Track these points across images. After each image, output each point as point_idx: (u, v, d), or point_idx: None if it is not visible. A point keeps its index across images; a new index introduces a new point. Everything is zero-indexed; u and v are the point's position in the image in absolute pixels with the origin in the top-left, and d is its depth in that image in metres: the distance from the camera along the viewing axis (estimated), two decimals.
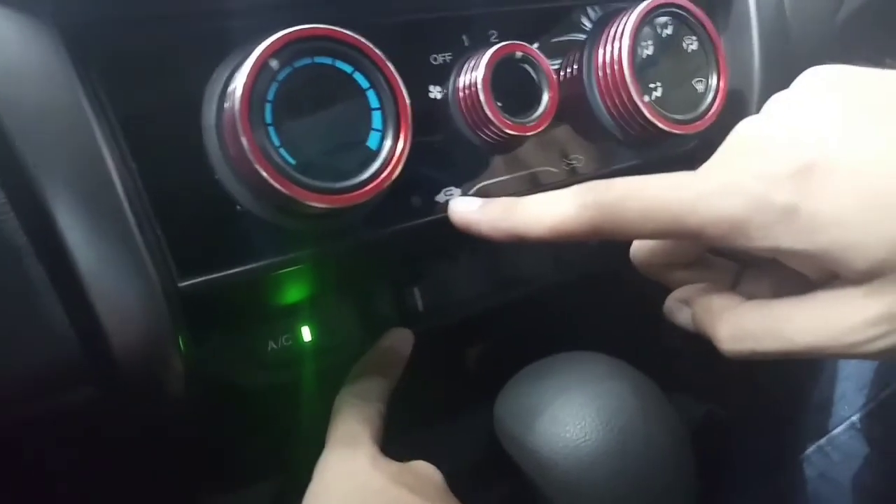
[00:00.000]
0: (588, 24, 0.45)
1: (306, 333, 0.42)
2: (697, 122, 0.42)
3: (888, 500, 0.52)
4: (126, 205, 0.32)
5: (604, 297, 0.55)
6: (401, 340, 0.44)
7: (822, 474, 0.54)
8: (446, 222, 0.39)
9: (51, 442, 0.41)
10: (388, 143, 0.34)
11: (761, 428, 0.62)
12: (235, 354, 0.40)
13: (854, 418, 0.51)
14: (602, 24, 0.43)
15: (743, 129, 0.31)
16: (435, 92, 0.39)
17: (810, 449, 0.55)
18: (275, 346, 0.41)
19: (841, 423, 0.52)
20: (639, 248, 0.37)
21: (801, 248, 0.26)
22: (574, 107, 0.43)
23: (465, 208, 0.35)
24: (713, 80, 0.43)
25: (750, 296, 0.32)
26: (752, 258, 0.34)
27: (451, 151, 0.40)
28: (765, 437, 0.61)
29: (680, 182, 0.28)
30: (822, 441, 0.53)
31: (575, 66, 0.44)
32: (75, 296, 0.31)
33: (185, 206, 0.33)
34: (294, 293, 0.40)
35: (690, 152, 0.47)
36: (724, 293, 0.32)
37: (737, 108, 0.47)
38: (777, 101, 0.31)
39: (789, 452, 0.58)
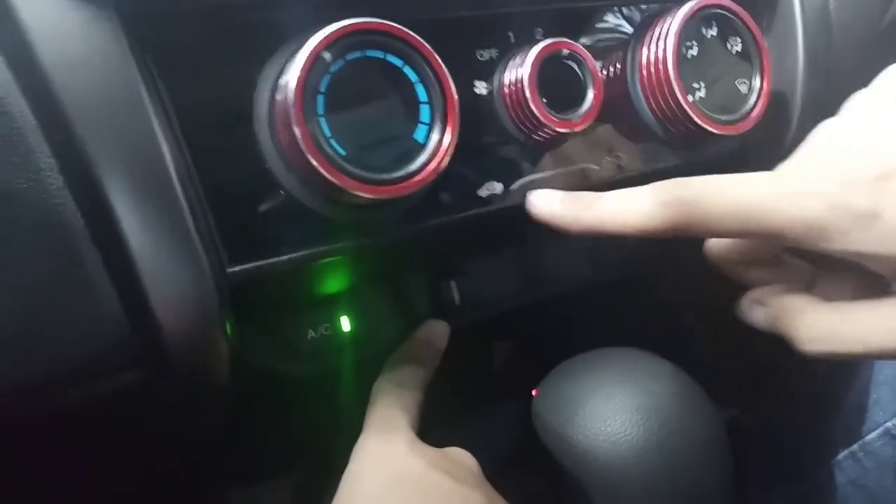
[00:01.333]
0: (633, 23, 0.45)
1: (345, 324, 0.43)
2: (740, 124, 0.42)
3: None
4: (179, 191, 0.32)
5: (634, 301, 0.55)
6: (438, 332, 0.44)
7: (854, 481, 0.54)
8: (487, 217, 0.39)
9: (94, 424, 0.42)
10: (434, 137, 0.34)
11: (789, 433, 0.62)
12: (276, 342, 0.41)
13: (889, 424, 0.50)
14: (647, 24, 0.43)
15: (823, 131, 0.31)
16: (480, 87, 0.40)
17: (842, 455, 0.54)
18: (314, 335, 0.42)
19: (875, 429, 0.51)
20: (715, 244, 0.37)
21: (880, 252, 0.26)
22: (617, 105, 0.43)
23: (547, 201, 0.36)
24: (757, 82, 0.43)
25: (826, 298, 0.32)
26: (830, 260, 0.34)
27: (494, 146, 0.40)
28: (792, 442, 0.61)
29: (760, 182, 0.29)
30: (855, 447, 0.53)
31: (618, 65, 0.44)
32: (128, 280, 0.31)
33: (235, 194, 0.34)
34: (335, 283, 0.41)
35: (733, 153, 0.47)
36: (801, 294, 0.33)
37: (780, 109, 0.47)
38: (857, 101, 0.31)
39: (819, 457, 0.58)
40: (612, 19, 0.45)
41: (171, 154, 0.32)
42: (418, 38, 0.34)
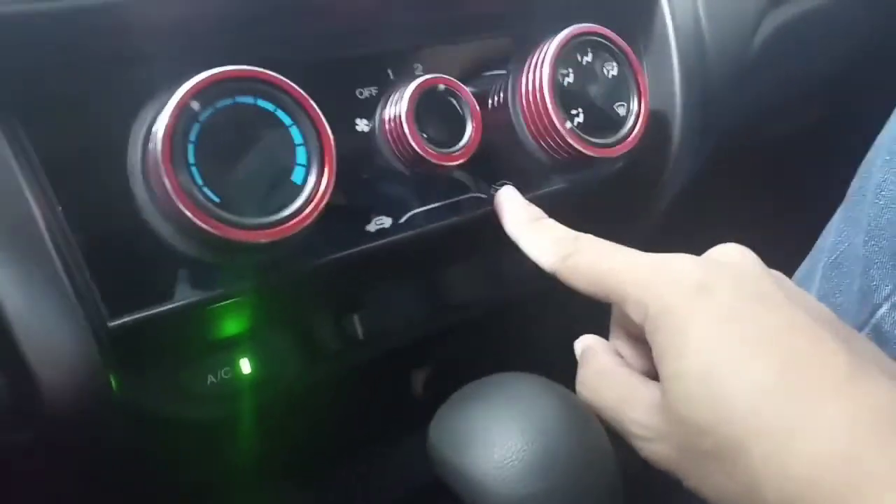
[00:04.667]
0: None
1: (245, 366, 0.42)
2: (619, 146, 0.44)
3: None
4: (52, 249, 0.32)
5: (545, 319, 0.56)
6: None
7: None
8: (377, 251, 0.40)
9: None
10: (312, 178, 0.35)
11: None
12: (175, 389, 0.40)
13: None
14: (525, 53, 0.45)
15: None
16: (362, 125, 0.40)
17: None
18: (214, 380, 0.41)
19: None
20: None
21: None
22: (502, 133, 0.44)
23: (510, 200, 0.42)
24: (634, 104, 0.45)
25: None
26: None
27: (380, 181, 0.41)
28: None
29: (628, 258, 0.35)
30: None
31: (501, 94, 0.45)
32: (5, 345, 0.31)
33: (113, 247, 0.34)
34: (230, 326, 0.41)
35: (618, 172, 0.48)
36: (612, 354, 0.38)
37: (660, 128, 0.49)
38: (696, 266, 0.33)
39: None
40: (496, 50, 0.47)
41: (41, 211, 0.32)
42: (288, 81, 0.34)
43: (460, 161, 0.40)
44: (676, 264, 0.33)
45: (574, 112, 0.43)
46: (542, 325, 0.59)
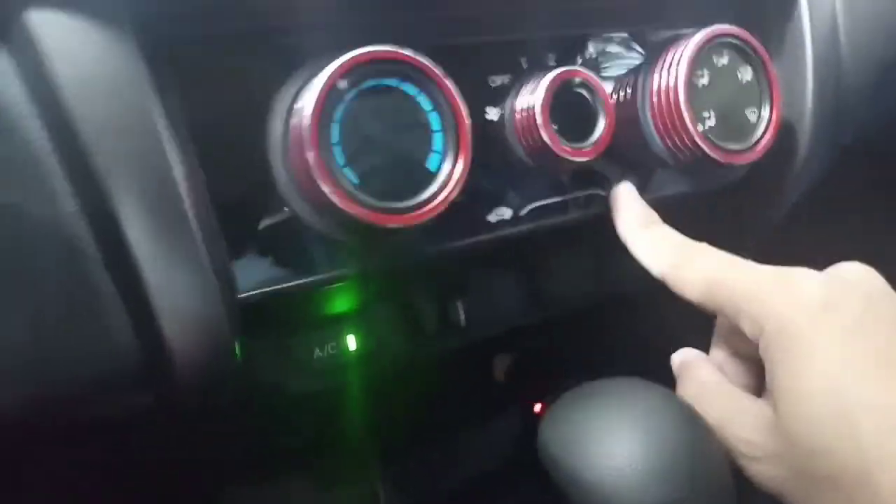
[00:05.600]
0: (643, 50, 0.45)
1: (351, 342, 0.43)
2: (749, 153, 0.42)
3: None
4: (192, 218, 0.32)
5: (640, 321, 0.56)
6: None
7: None
8: (496, 242, 0.39)
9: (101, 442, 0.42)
10: (446, 166, 0.34)
11: None
12: (284, 360, 0.41)
13: None
14: (659, 50, 0.43)
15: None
16: (492, 113, 0.40)
17: None
18: (321, 354, 0.42)
19: None
20: None
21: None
22: (627, 130, 0.43)
23: (627, 199, 0.41)
24: (766, 111, 0.43)
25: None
26: None
27: (504, 172, 0.40)
28: None
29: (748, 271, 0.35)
30: None
31: (629, 90, 0.44)
32: (140, 306, 0.32)
33: (248, 219, 0.34)
34: (342, 304, 0.41)
35: (742, 180, 0.47)
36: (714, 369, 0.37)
37: (789, 137, 0.47)
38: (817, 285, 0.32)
39: None
40: (627, 44, 0.45)
41: (184, 179, 0.32)
42: (433, 67, 0.34)
43: (589, 157, 0.39)
44: (799, 280, 0.32)
45: (706, 115, 0.42)
46: (632, 329, 0.59)
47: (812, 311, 0.30)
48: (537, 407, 0.59)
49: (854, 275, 0.32)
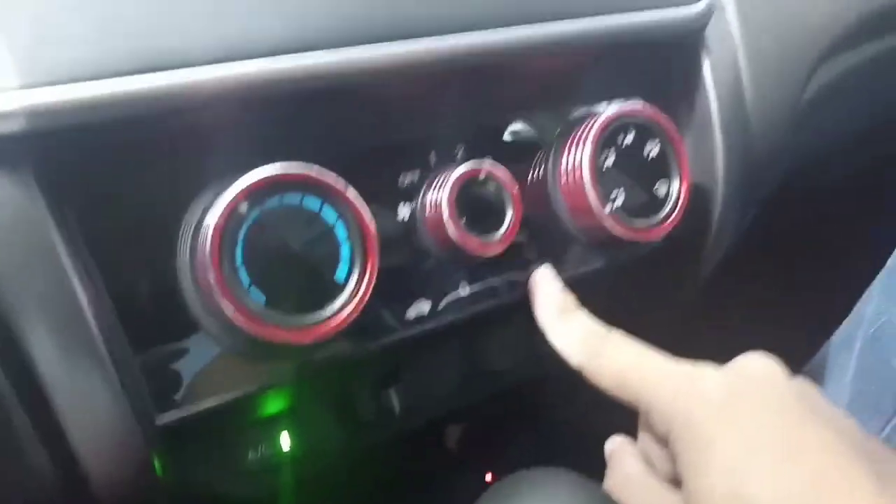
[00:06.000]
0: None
1: (285, 442, 0.43)
2: (658, 229, 0.43)
3: None
4: (102, 344, 0.33)
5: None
6: None
7: None
8: (417, 337, 0.40)
9: None
10: (355, 275, 0.35)
11: None
12: (215, 467, 0.41)
13: None
14: (569, 130, 0.44)
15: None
16: (403, 210, 0.41)
17: None
18: (254, 456, 0.42)
19: None
20: None
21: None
22: (540, 211, 0.44)
23: (544, 285, 0.42)
24: (675, 185, 0.44)
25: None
26: None
27: (419, 267, 0.41)
28: None
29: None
30: None
31: (542, 169, 0.45)
32: (57, 439, 0.32)
33: (161, 342, 0.35)
34: (270, 407, 0.41)
35: (657, 251, 0.48)
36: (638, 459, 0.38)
37: (699, 204, 0.49)
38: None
39: None
40: (537, 128, 0.47)
41: (92, 306, 0.33)
42: (334, 180, 0.34)
43: (497, 251, 0.40)
44: (701, 378, 0.33)
45: (614, 195, 0.43)
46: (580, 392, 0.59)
47: (712, 409, 0.31)
48: (488, 477, 0.59)
49: (752, 369, 0.34)
